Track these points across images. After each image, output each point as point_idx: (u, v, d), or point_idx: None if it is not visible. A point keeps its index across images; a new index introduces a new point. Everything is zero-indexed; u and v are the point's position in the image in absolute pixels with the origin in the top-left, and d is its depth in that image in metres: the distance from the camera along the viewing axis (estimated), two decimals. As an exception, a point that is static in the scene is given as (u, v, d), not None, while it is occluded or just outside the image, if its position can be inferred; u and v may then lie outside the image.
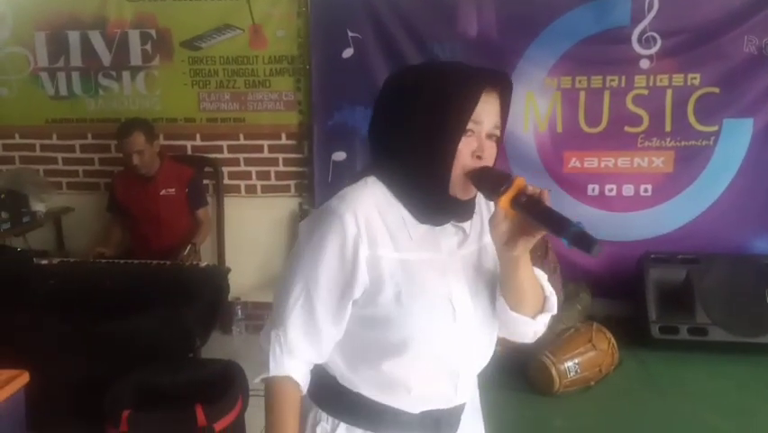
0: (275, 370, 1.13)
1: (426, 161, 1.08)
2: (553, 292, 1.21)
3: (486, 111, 1.08)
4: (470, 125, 1.07)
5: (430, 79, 1.10)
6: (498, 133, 1.12)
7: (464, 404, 1.24)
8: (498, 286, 1.17)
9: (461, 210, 1.14)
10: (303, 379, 1.16)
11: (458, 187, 1.09)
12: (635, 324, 3.49)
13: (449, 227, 1.15)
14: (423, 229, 1.12)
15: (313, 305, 1.11)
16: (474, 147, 1.08)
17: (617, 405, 2.94)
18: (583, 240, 0.93)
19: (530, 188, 1.01)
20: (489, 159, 1.10)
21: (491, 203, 1.13)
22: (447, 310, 1.12)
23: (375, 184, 1.14)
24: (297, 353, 1.13)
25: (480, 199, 1.18)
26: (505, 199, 1.01)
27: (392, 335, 1.11)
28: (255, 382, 1.18)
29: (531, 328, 1.18)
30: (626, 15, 3.48)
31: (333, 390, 1.18)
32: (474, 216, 1.19)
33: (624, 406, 2.92)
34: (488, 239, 1.17)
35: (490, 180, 1.05)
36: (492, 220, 1.06)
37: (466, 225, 1.17)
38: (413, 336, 1.10)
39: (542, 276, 1.21)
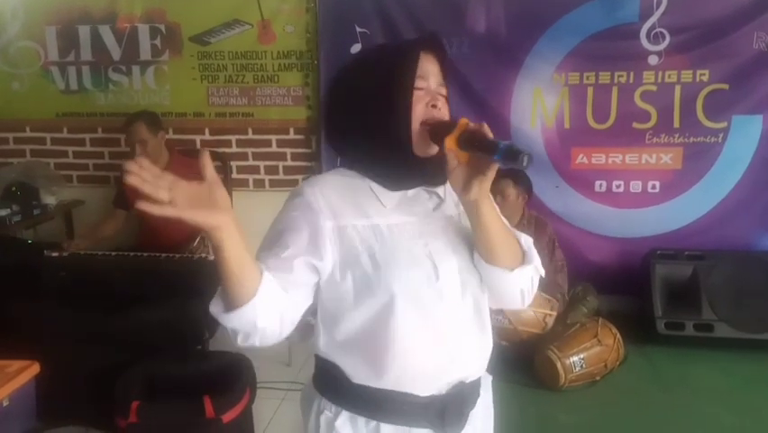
0: None
1: (386, 122, 1.11)
2: (533, 247, 1.20)
3: (429, 68, 1.14)
4: (418, 83, 1.12)
5: (370, 56, 1.19)
6: (443, 91, 1.16)
7: (470, 389, 1.21)
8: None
9: (430, 172, 1.15)
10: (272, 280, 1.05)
11: (419, 141, 1.12)
12: (641, 320, 3.49)
13: (422, 193, 1.18)
14: (396, 197, 1.15)
15: (277, 254, 1.10)
16: (427, 99, 1.13)
17: (622, 400, 2.94)
18: (511, 153, 0.98)
19: (471, 125, 1.05)
20: (443, 111, 1.14)
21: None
22: (429, 267, 1.12)
23: (340, 171, 1.20)
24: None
25: None
26: (450, 139, 1.05)
27: (376, 297, 1.10)
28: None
29: (512, 284, 1.17)
30: (634, 11, 3.48)
31: (336, 379, 1.18)
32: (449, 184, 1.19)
33: (629, 401, 2.93)
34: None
35: (441, 129, 1.09)
36: (448, 167, 1.09)
37: (439, 190, 1.19)
38: (395, 294, 1.09)
39: (519, 234, 1.21)
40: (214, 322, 1.01)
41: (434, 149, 1.12)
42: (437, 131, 1.10)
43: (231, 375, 2.54)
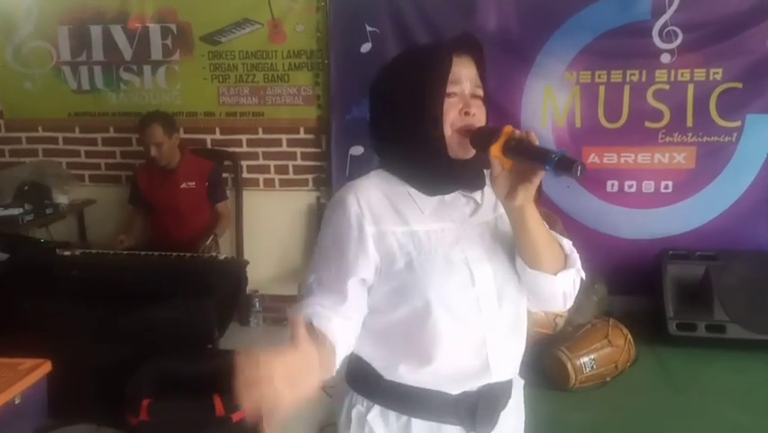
0: (299, 312, 1.10)
1: (419, 129, 1.13)
2: (574, 250, 1.21)
3: (462, 72, 1.14)
4: (450, 87, 1.13)
5: (403, 60, 1.20)
6: (480, 93, 1.17)
7: (502, 389, 1.23)
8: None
9: (467, 176, 1.17)
10: (336, 332, 1.09)
11: (455, 146, 1.13)
12: (652, 320, 3.46)
13: (459, 198, 1.19)
14: (433, 202, 1.16)
15: (327, 288, 1.14)
16: (460, 106, 1.13)
17: (633, 401, 2.92)
18: (565, 163, 0.97)
19: (517, 133, 1.06)
20: (478, 116, 1.15)
21: None
22: (464, 274, 1.14)
23: (379, 173, 1.21)
24: (325, 312, 1.11)
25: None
26: (496, 147, 1.06)
27: (412, 303, 1.13)
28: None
29: (556, 288, 1.17)
30: (647, 9, 3.45)
31: (368, 374, 1.20)
32: (487, 188, 1.20)
33: (640, 402, 2.91)
34: (503, 210, 1.17)
35: (484, 137, 1.10)
36: (491, 174, 1.09)
37: (476, 195, 1.20)
38: (431, 301, 1.11)
39: (560, 237, 1.22)
40: (224, 321, 1.03)
41: (471, 152, 1.13)
42: (480, 138, 1.10)
43: (241, 374, 2.55)
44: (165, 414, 2.35)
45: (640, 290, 3.59)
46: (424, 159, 1.14)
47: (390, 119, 1.18)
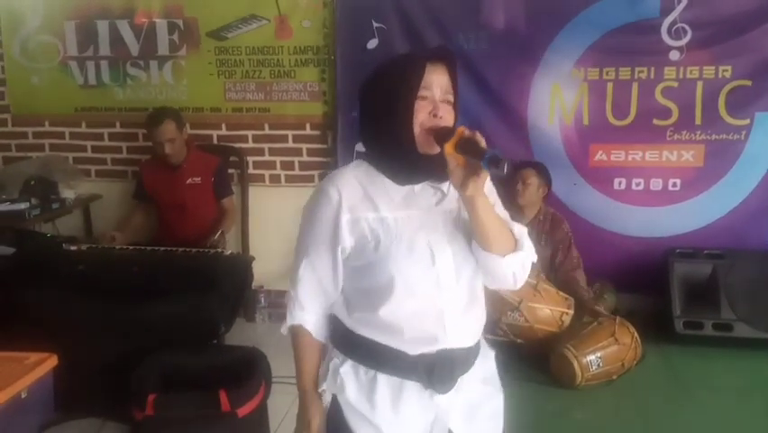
0: (290, 321, 1.43)
1: (391, 126, 1.29)
2: (524, 235, 1.37)
3: (434, 79, 1.29)
4: (422, 92, 1.28)
5: (383, 67, 1.34)
6: (450, 98, 1.31)
7: (460, 355, 1.36)
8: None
9: (433, 169, 1.30)
10: (313, 326, 1.42)
11: (422, 143, 1.28)
12: (659, 319, 3.45)
13: (427, 188, 1.35)
14: (404, 191, 1.33)
15: (314, 265, 1.37)
16: (430, 108, 1.28)
17: (639, 400, 2.91)
18: (493, 161, 1.14)
19: (467, 133, 1.20)
20: (446, 118, 1.29)
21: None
22: (426, 255, 1.30)
23: (360, 164, 1.38)
24: (306, 306, 1.40)
25: None
26: (449, 145, 1.22)
27: (378, 279, 1.31)
28: (282, 331, 1.47)
29: (505, 268, 1.33)
30: (655, 6, 3.43)
31: (342, 331, 1.39)
32: None
33: (647, 401, 2.90)
34: None
35: (443, 135, 1.24)
36: (448, 168, 1.24)
37: (443, 186, 1.35)
38: (395, 278, 1.29)
39: (513, 224, 1.37)
40: (230, 316, 1.06)
41: (437, 149, 1.27)
42: (440, 136, 1.25)
43: (246, 370, 2.55)
44: (171, 409, 2.35)
45: (647, 289, 3.58)
46: (396, 153, 1.30)
47: (370, 118, 1.34)
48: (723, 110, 3.48)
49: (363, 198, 1.32)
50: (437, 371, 1.33)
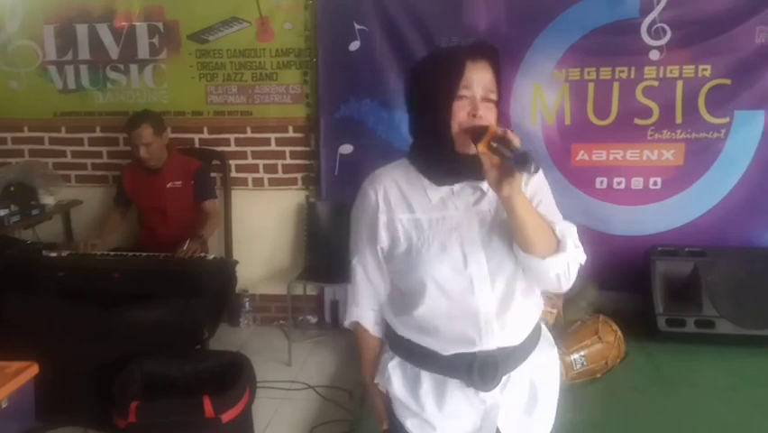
0: (348, 317, 1.50)
1: (430, 126, 1.30)
2: (567, 235, 1.31)
3: (475, 78, 1.27)
4: (462, 91, 1.26)
5: (424, 64, 1.34)
6: (492, 97, 1.29)
7: (502, 355, 1.34)
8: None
9: (473, 168, 1.26)
10: (369, 321, 1.48)
11: (461, 143, 1.27)
12: (642, 317, 3.47)
13: (466, 188, 1.34)
14: (442, 192, 1.33)
15: (363, 264, 1.42)
16: (468, 108, 1.27)
17: (623, 397, 2.93)
18: (523, 160, 1.11)
19: (499, 131, 1.18)
20: (487, 118, 1.27)
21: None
22: (458, 257, 1.30)
23: (401, 163, 1.40)
24: (361, 302, 1.46)
25: None
26: (482, 145, 1.19)
27: (410, 282, 1.33)
28: (345, 325, 1.54)
29: (548, 270, 1.28)
30: (635, 6, 3.45)
31: (389, 330, 1.45)
32: None
33: (630, 398, 2.91)
34: None
35: (477, 134, 1.22)
36: (484, 168, 1.21)
37: (483, 185, 1.33)
38: (427, 280, 1.30)
39: (558, 222, 1.34)
40: (213, 321, 1.05)
41: (474, 149, 1.25)
42: (475, 135, 1.23)
43: (230, 375, 2.54)
44: (154, 416, 2.33)
45: (629, 287, 3.61)
46: (434, 152, 1.31)
47: (411, 117, 1.37)
48: (703, 109, 3.52)
49: (400, 198, 1.35)
50: (477, 370, 1.33)
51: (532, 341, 1.41)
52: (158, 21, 3.83)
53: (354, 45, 3.65)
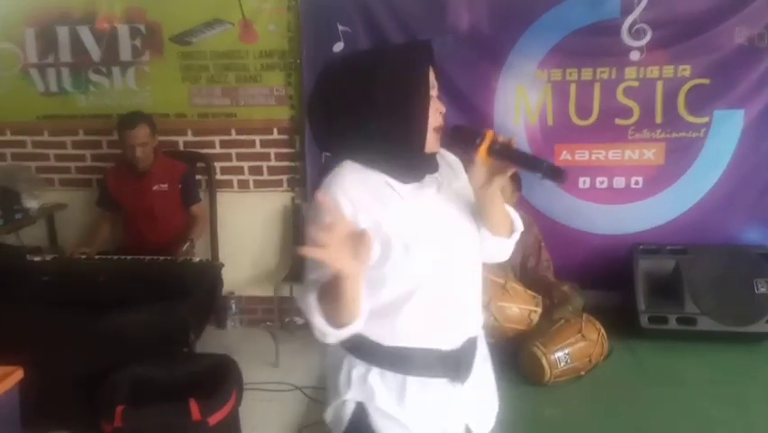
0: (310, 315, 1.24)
1: (404, 128, 1.25)
2: (515, 212, 1.45)
3: (432, 77, 1.30)
4: (431, 92, 1.28)
5: (370, 62, 1.28)
6: (438, 93, 1.33)
7: (475, 339, 1.41)
8: (475, 220, 1.38)
9: (433, 163, 1.35)
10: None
11: (432, 143, 1.30)
12: (624, 314, 3.51)
13: (427, 179, 1.35)
14: (409, 187, 1.31)
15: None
16: (438, 107, 1.29)
17: (607, 394, 2.97)
18: (551, 173, 1.19)
19: (501, 137, 1.23)
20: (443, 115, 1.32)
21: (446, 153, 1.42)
22: (446, 244, 1.31)
23: (350, 165, 1.29)
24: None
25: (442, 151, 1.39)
26: (482, 150, 1.24)
27: (406, 279, 1.28)
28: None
29: (510, 247, 1.44)
30: (616, 7, 3.48)
31: (362, 342, 1.32)
32: (441, 166, 1.39)
33: (614, 395, 2.95)
34: (457, 184, 1.40)
35: (465, 137, 1.26)
36: (472, 169, 1.28)
37: (437, 175, 1.37)
38: (422, 274, 1.28)
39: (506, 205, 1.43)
40: (199, 324, 1.03)
41: (439, 147, 1.32)
42: (462, 137, 1.28)
43: (217, 377, 2.54)
44: (140, 420, 2.33)
45: (612, 285, 3.64)
46: (403, 154, 1.27)
47: (366, 117, 1.24)
48: (682, 109, 3.56)
49: (372, 198, 1.26)
50: (462, 362, 1.37)
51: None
52: (139, 23, 3.80)
53: (338, 46, 3.66)
